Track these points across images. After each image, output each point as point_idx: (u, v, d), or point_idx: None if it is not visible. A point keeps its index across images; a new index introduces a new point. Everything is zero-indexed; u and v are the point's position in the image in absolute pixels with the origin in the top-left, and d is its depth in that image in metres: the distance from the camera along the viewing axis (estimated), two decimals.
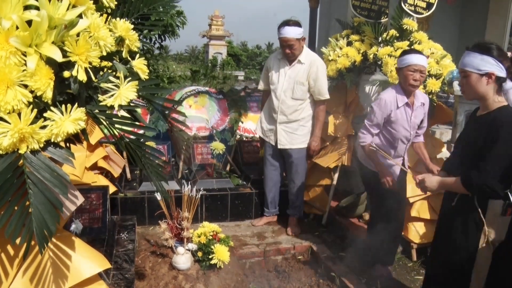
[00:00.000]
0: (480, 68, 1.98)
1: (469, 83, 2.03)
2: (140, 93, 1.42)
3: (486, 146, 1.95)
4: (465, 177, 2.01)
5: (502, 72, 1.96)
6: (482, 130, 2.02)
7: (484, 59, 1.97)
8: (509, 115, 1.97)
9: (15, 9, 1.06)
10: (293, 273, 3.23)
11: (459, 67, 2.09)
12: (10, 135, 1.07)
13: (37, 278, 1.45)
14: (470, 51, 2.04)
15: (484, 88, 2.00)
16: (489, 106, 2.05)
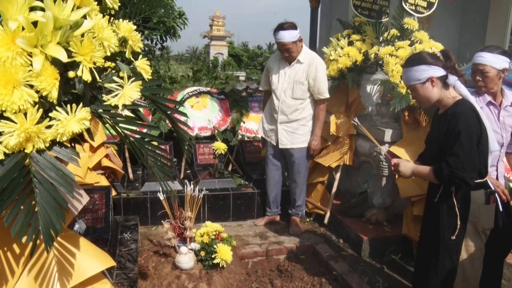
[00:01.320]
0: (419, 78, 2.15)
1: (419, 94, 2.20)
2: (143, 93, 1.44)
3: (451, 140, 2.07)
4: (436, 168, 2.13)
5: (439, 72, 2.13)
6: (445, 126, 2.13)
7: (418, 69, 2.14)
8: (465, 108, 2.10)
9: (21, 10, 1.07)
10: (295, 273, 3.24)
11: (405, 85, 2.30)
12: (17, 135, 1.08)
13: (42, 276, 1.46)
14: (404, 68, 2.23)
15: (432, 92, 2.16)
16: (446, 104, 2.19)
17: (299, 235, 3.71)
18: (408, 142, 3.52)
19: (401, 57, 3.37)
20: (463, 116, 2.07)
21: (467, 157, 2.04)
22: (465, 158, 2.04)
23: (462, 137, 2.04)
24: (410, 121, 3.58)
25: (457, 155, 2.04)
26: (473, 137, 2.06)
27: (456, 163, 2.04)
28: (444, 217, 2.19)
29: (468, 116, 2.07)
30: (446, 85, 2.18)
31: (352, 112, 4.07)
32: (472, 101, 2.15)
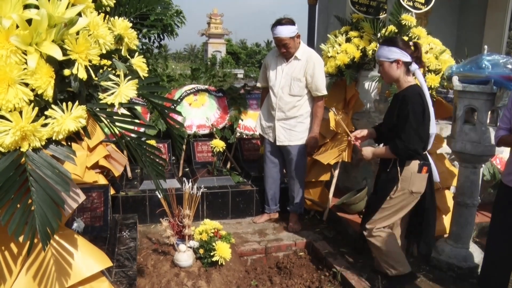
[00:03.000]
0: (389, 57, 2.55)
1: (384, 69, 2.61)
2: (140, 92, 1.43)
3: (402, 119, 2.50)
4: (392, 145, 2.57)
5: (407, 58, 2.53)
6: (397, 106, 2.56)
7: (391, 50, 2.54)
8: (414, 92, 2.53)
9: (15, 8, 1.07)
10: (294, 270, 3.24)
11: (376, 58, 2.67)
12: (12, 133, 1.08)
13: (40, 275, 1.46)
14: (381, 44, 2.64)
15: (395, 72, 2.58)
16: (402, 86, 2.62)
17: (298, 232, 3.71)
18: None
19: None
20: (410, 99, 2.49)
21: (416, 133, 2.49)
22: (414, 133, 2.48)
23: (411, 117, 2.46)
24: None
25: (408, 132, 2.48)
26: (419, 117, 2.49)
27: (408, 138, 2.48)
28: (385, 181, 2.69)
29: (415, 99, 2.50)
30: (408, 71, 2.58)
31: (350, 109, 4.07)
32: (424, 88, 2.59)
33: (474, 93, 2.92)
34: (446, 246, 3.25)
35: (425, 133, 2.55)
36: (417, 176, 2.61)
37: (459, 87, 2.96)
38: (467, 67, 2.97)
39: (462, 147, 3.01)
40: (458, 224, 3.20)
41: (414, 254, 3.41)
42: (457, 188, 3.21)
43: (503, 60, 2.85)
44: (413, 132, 2.48)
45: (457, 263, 3.14)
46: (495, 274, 2.66)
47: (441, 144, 3.63)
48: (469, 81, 2.95)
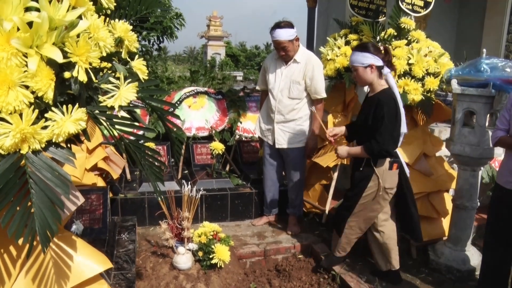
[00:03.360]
0: (363, 62, 2.69)
1: (358, 74, 2.75)
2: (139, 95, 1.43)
3: (378, 121, 2.65)
4: (367, 146, 2.73)
5: (379, 62, 2.69)
6: (371, 109, 2.72)
7: (364, 55, 2.68)
8: (388, 96, 2.70)
9: (16, 10, 1.07)
10: (293, 272, 3.24)
11: (350, 64, 2.80)
12: (12, 136, 1.08)
13: (39, 278, 1.46)
14: (354, 50, 2.77)
15: (369, 76, 2.72)
16: (375, 89, 2.77)
17: (297, 235, 3.71)
18: (406, 141, 3.52)
19: (398, 57, 3.37)
20: (386, 102, 2.66)
21: (390, 135, 2.67)
22: (389, 135, 2.66)
23: (386, 120, 2.63)
24: (407, 121, 3.56)
25: (383, 134, 2.64)
26: (393, 120, 2.67)
27: (383, 140, 2.65)
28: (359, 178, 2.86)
29: (390, 103, 2.67)
30: (381, 74, 2.74)
31: (349, 111, 4.07)
32: (395, 91, 2.75)
33: (473, 96, 2.93)
34: (445, 249, 3.25)
35: (398, 134, 2.74)
36: (389, 173, 2.81)
37: (458, 90, 2.97)
38: (466, 70, 2.98)
39: (461, 150, 3.02)
40: (457, 227, 3.20)
41: (413, 257, 3.41)
42: (456, 191, 3.21)
43: (502, 63, 2.86)
44: (388, 134, 2.66)
45: (456, 266, 3.15)
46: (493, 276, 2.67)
47: (439, 147, 3.64)
48: (468, 84, 2.96)
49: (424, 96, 3.31)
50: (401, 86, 3.29)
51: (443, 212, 3.47)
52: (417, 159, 3.46)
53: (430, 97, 3.35)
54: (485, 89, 2.87)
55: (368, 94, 2.87)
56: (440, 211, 3.46)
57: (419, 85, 3.29)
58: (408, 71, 3.34)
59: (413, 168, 3.47)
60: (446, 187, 3.53)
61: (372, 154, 2.74)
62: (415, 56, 3.34)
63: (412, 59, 3.34)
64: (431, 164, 3.53)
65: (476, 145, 2.96)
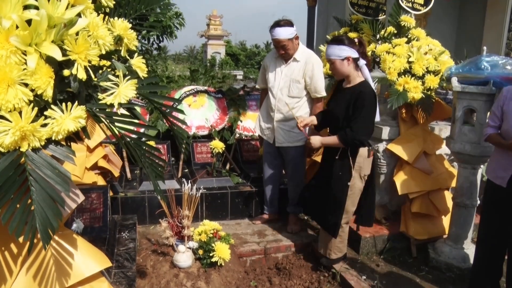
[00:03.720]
0: (340, 54, 2.75)
1: (336, 67, 2.81)
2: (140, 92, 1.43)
3: (357, 111, 2.72)
4: (342, 135, 2.79)
5: (355, 54, 2.77)
6: (351, 99, 2.77)
7: (341, 48, 2.75)
8: (369, 88, 2.79)
9: (15, 8, 1.07)
10: (293, 270, 3.24)
11: (326, 58, 2.84)
12: (12, 133, 1.08)
13: (40, 275, 1.46)
14: (329, 44, 2.82)
15: (346, 68, 2.80)
16: (353, 81, 2.84)
17: (297, 233, 3.71)
18: (406, 140, 3.53)
19: (398, 55, 3.37)
20: (367, 95, 2.74)
21: (367, 126, 2.77)
22: (365, 126, 2.76)
23: (365, 111, 2.72)
24: (408, 119, 3.58)
25: (360, 124, 2.73)
26: (371, 112, 2.77)
27: (359, 129, 2.73)
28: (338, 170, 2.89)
29: (371, 96, 2.76)
30: (357, 66, 2.82)
31: None
32: (370, 82, 2.85)
33: (473, 94, 2.93)
34: (445, 247, 3.26)
35: (373, 127, 2.85)
36: (367, 160, 2.92)
37: (458, 88, 2.97)
38: (466, 68, 2.98)
39: (461, 148, 3.02)
40: (457, 225, 3.20)
41: (413, 255, 3.41)
42: (456, 189, 3.21)
43: (502, 61, 2.86)
44: (364, 125, 2.76)
45: (456, 263, 3.15)
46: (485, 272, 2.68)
47: (440, 145, 3.64)
48: (468, 82, 2.96)
49: (424, 94, 3.31)
50: (401, 84, 3.29)
51: (443, 210, 3.47)
52: (417, 157, 3.46)
53: (430, 95, 3.35)
54: (485, 87, 2.87)
55: (344, 85, 2.93)
56: (440, 209, 3.46)
57: (419, 83, 3.29)
58: (408, 69, 3.34)
59: (413, 167, 3.48)
60: (446, 185, 3.53)
61: (346, 143, 2.80)
62: (415, 54, 3.33)
63: (412, 57, 3.34)
64: (431, 162, 3.53)
65: (477, 143, 2.96)
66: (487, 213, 2.64)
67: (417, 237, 3.40)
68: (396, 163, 3.61)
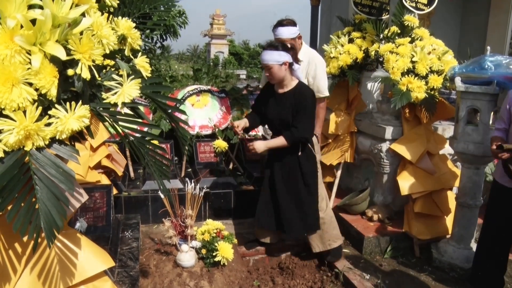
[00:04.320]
0: (278, 60, 2.82)
1: (274, 72, 2.86)
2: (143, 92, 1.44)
3: (300, 110, 2.85)
4: (287, 135, 2.91)
5: (290, 59, 2.86)
6: (294, 102, 2.88)
7: (279, 54, 2.82)
8: (306, 88, 2.99)
9: (20, 8, 1.07)
10: (296, 270, 3.24)
11: (263, 63, 2.89)
12: (16, 132, 1.09)
13: (44, 274, 1.47)
14: (266, 50, 2.86)
15: (283, 73, 2.88)
16: (288, 84, 2.95)
17: None
18: (409, 139, 3.52)
19: (401, 54, 3.36)
20: (308, 95, 2.90)
21: (310, 124, 2.93)
22: (309, 125, 2.91)
23: (307, 110, 2.87)
24: (411, 118, 3.58)
25: (305, 123, 2.88)
26: (313, 110, 2.94)
27: (305, 128, 2.89)
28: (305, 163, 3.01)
29: (311, 95, 2.93)
30: (292, 70, 2.91)
31: (352, 109, 4.07)
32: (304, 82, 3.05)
33: (477, 93, 2.92)
34: (448, 247, 3.25)
35: (314, 124, 3.04)
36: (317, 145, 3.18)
37: (462, 88, 2.96)
38: (469, 68, 2.97)
39: (464, 148, 3.01)
40: (461, 225, 3.20)
41: (416, 255, 3.41)
42: (460, 189, 3.20)
43: (506, 60, 2.84)
44: (308, 124, 2.91)
45: (459, 264, 3.14)
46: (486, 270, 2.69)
47: (443, 145, 3.63)
48: (471, 81, 2.95)
49: (428, 94, 3.30)
50: (405, 84, 3.28)
51: (446, 210, 3.47)
52: (421, 157, 3.45)
53: (433, 95, 3.34)
54: (489, 86, 2.86)
55: (278, 90, 3.00)
56: (443, 209, 3.45)
57: (423, 83, 3.28)
58: (411, 69, 3.33)
59: (416, 166, 3.47)
60: (449, 185, 3.52)
61: (293, 142, 2.92)
62: (419, 54, 3.33)
63: (415, 57, 3.33)
64: (434, 162, 3.53)
65: (480, 143, 2.95)
66: (491, 212, 2.63)
67: (420, 237, 3.40)
68: (399, 163, 3.61)
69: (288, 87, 2.95)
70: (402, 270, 3.24)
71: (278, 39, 3.40)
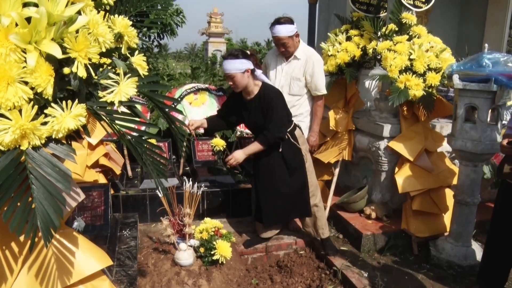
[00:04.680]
0: (240, 68, 2.85)
1: (237, 80, 2.90)
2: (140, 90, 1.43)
3: (269, 114, 2.91)
4: (261, 138, 2.98)
5: (251, 66, 2.90)
6: (262, 106, 2.94)
7: (242, 62, 2.85)
8: (269, 87, 3.01)
9: (14, 6, 1.06)
10: (295, 268, 3.24)
11: (225, 73, 2.92)
12: (12, 132, 1.08)
13: (42, 274, 1.46)
14: (227, 59, 2.89)
15: (247, 80, 2.92)
16: (253, 90, 2.99)
17: (298, 231, 3.71)
18: (407, 137, 3.52)
19: (399, 52, 3.36)
20: (272, 94, 2.95)
21: (283, 122, 2.99)
22: (279, 124, 2.95)
23: (275, 110, 2.90)
24: (409, 116, 3.58)
25: (275, 123, 2.91)
26: (281, 107, 2.97)
27: (275, 128, 2.93)
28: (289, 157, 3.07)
29: (277, 95, 2.98)
30: (254, 76, 2.95)
31: (350, 107, 4.07)
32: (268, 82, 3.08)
33: (475, 91, 2.92)
34: (446, 245, 3.25)
35: (286, 116, 3.06)
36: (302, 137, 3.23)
37: (460, 86, 2.96)
38: (467, 65, 2.97)
39: (462, 146, 3.01)
40: (459, 223, 3.20)
41: (414, 252, 3.41)
42: (458, 186, 3.21)
43: (504, 58, 2.84)
44: (279, 123, 2.94)
45: (457, 261, 3.15)
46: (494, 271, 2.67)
47: (441, 143, 3.63)
48: (469, 79, 2.95)
49: (426, 92, 3.30)
50: (402, 81, 3.28)
51: (444, 208, 3.47)
52: (419, 155, 3.45)
53: (431, 92, 3.34)
54: (487, 84, 2.86)
55: (246, 97, 3.05)
56: (441, 207, 3.45)
57: (421, 81, 3.28)
58: (409, 67, 3.33)
59: (414, 164, 3.47)
60: (447, 183, 3.53)
61: (269, 144, 2.98)
62: (417, 51, 3.32)
63: (413, 54, 3.33)
64: (432, 160, 3.53)
65: (478, 140, 2.95)
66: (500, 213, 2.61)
67: (418, 235, 3.40)
68: (397, 161, 3.61)
69: (254, 92, 3.00)
70: (400, 267, 3.24)
71: (275, 37, 3.40)
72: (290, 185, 3.14)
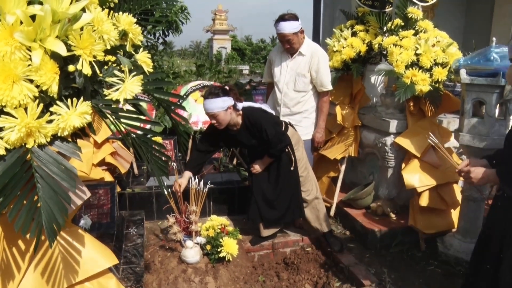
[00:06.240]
0: (223, 106, 2.86)
1: (220, 118, 2.91)
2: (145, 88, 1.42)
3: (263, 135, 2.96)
4: (271, 154, 3.10)
5: (232, 101, 2.91)
6: (254, 134, 3.02)
7: (224, 100, 2.86)
8: (254, 113, 3.04)
9: (19, 4, 1.06)
10: (301, 265, 3.24)
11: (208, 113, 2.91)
12: (17, 130, 1.08)
13: (48, 272, 1.46)
14: (208, 99, 2.87)
15: (229, 116, 2.94)
16: (238, 121, 3.02)
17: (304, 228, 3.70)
18: (413, 133, 3.50)
19: (405, 47, 3.33)
20: (257, 117, 3.00)
21: (278, 136, 3.01)
22: (278, 137, 3.00)
23: (268, 129, 2.94)
24: (415, 112, 3.55)
25: (274, 139, 2.97)
26: (271, 123, 3.02)
27: (277, 143, 2.99)
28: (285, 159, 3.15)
29: (260, 115, 3.03)
30: (236, 110, 2.96)
31: (356, 103, 4.04)
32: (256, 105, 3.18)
33: (482, 86, 2.88)
34: (454, 241, 3.23)
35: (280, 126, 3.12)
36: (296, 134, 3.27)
37: (467, 80, 2.93)
38: (475, 60, 2.93)
39: (470, 141, 2.98)
40: (467, 219, 3.17)
41: (422, 249, 3.39)
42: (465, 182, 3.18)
43: None
44: (277, 136, 2.99)
45: (465, 257, 3.12)
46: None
47: (448, 138, 3.60)
48: (477, 74, 2.91)
49: (432, 87, 3.27)
50: (409, 76, 3.25)
51: (452, 204, 3.44)
52: (426, 150, 3.43)
53: (438, 87, 3.31)
54: (494, 78, 2.83)
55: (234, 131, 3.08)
56: (449, 203, 3.43)
57: (427, 76, 3.25)
58: (415, 62, 3.30)
59: (421, 160, 3.45)
60: (454, 178, 3.49)
61: (276, 156, 3.12)
62: (423, 46, 3.29)
63: (419, 49, 3.30)
64: (439, 155, 3.50)
65: (486, 135, 2.92)
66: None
67: (426, 231, 3.38)
68: (403, 157, 3.58)
69: (239, 122, 3.03)
70: (408, 264, 3.23)
71: (280, 33, 3.38)
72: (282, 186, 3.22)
